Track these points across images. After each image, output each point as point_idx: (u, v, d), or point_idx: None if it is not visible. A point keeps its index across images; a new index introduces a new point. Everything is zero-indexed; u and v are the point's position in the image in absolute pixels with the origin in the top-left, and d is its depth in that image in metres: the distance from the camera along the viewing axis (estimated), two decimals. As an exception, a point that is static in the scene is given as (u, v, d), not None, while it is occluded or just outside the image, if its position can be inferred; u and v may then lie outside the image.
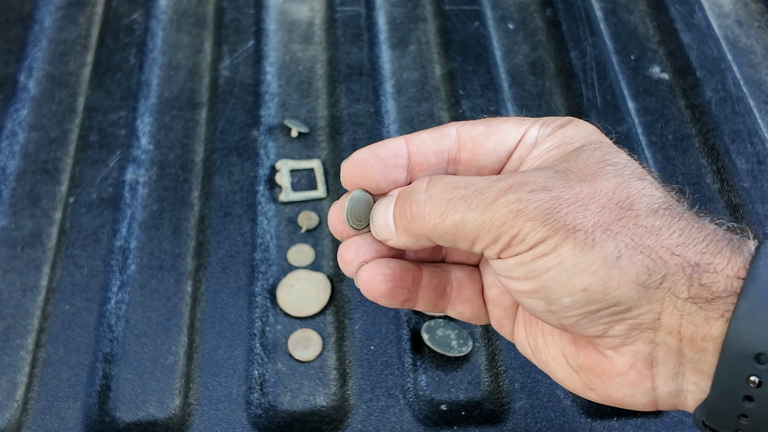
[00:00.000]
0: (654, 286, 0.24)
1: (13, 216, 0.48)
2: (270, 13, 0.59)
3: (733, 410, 0.23)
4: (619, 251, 0.24)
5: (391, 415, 0.40)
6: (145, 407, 0.41)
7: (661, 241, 0.24)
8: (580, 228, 0.24)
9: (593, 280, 0.24)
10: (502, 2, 0.61)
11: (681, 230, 0.24)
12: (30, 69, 0.55)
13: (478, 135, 0.29)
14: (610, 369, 0.26)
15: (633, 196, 0.25)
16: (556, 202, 0.25)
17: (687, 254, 0.24)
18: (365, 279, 0.29)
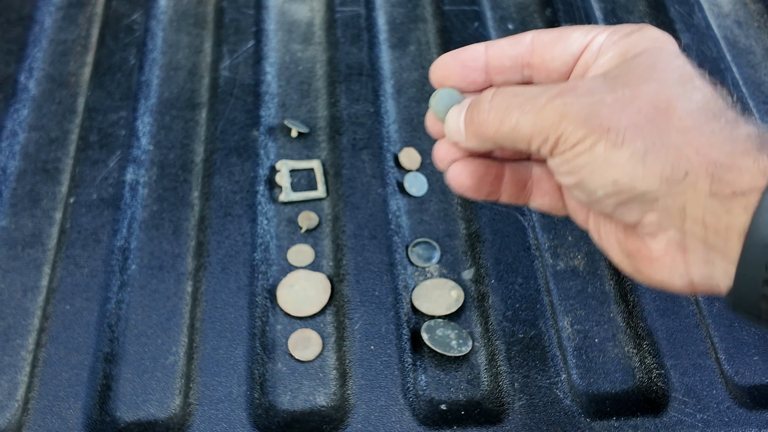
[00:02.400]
0: (677, 181, 0.26)
1: (13, 216, 0.48)
2: (270, 14, 0.59)
3: (755, 294, 0.25)
4: (646, 148, 0.27)
5: (390, 415, 0.40)
6: (145, 407, 0.41)
7: (689, 140, 0.26)
8: (614, 128, 0.27)
9: (621, 175, 0.27)
10: (502, 2, 0.61)
11: (713, 131, 0.27)
12: (30, 69, 0.55)
13: (549, 41, 0.32)
14: (648, 254, 0.29)
15: (671, 99, 0.28)
16: (597, 105, 0.28)
17: (712, 153, 0.26)
18: (454, 175, 0.33)
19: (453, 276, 0.46)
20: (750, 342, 0.43)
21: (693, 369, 0.42)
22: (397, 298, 0.44)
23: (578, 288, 0.45)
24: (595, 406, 0.41)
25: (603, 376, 0.42)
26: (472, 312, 0.44)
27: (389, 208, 0.48)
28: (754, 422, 0.40)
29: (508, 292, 0.44)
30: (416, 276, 0.46)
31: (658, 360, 0.42)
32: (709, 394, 0.41)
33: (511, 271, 0.45)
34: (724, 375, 0.42)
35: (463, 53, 0.33)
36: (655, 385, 0.42)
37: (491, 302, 0.44)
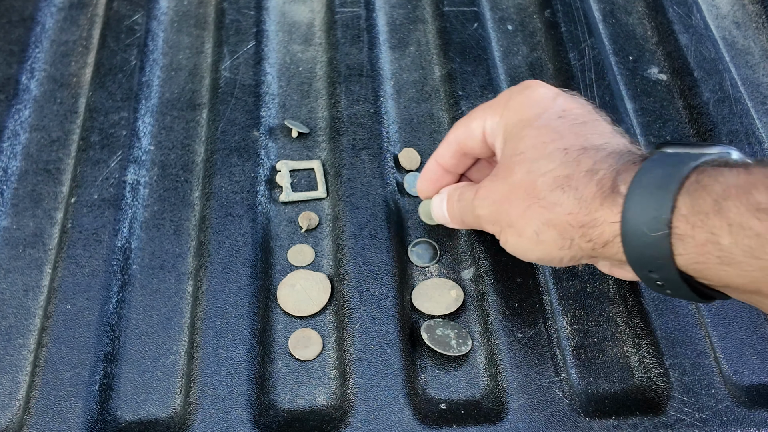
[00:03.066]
0: (568, 247, 0.34)
1: (15, 216, 0.48)
2: (270, 15, 0.59)
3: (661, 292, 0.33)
4: (538, 232, 0.35)
5: (390, 414, 0.40)
6: (146, 406, 0.41)
7: (560, 215, 0.34)
8: (512, 223, 0.36)
9: (537, 254, 0.36)
10: (501, 3, 0.61)
11: (574, 198, 0.33)
12: (31, 70, 0.55)
13: (463, 137, 0.41)
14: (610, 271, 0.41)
15: (535, 180, 0.35)
16: (495, 206, 0.37)
17: (579, 218, 0.33)
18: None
19: (453, 276, 0.46)
20: (749, 341, 0.43)
21: (692, 368, 0.42)
22: (397, 298, 0.44)
23: (577, 288, 0.45)
24: (594, 406, 0.41)
25: (602, 375, 0.42)
26: (472, 311, 0.45)
27: (389, 208, 0.48)
28: (752, 421, 0.40)
29: (508, 292, 0.44)
30: (416, 276, 0.46)
31: (657, 359, 0.42)
32: (708, 393, 0.41)
33: (510, 270, 0.45)
34: (723, 374, 0.42)
35: (426, 175, 0.44)
36: (654, 385, 0.42)
37: (491, 302, 0.44)
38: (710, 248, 0.28)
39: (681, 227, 0.29)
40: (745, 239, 0.27)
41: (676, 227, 0.29)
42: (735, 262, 0.28)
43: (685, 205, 0.29)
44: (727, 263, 0.28)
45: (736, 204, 0.27)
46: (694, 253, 0.29)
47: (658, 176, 0.30)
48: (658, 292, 0.33)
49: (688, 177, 0.29)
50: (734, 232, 0.27)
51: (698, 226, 0.28)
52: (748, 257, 0.27)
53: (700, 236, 0.28)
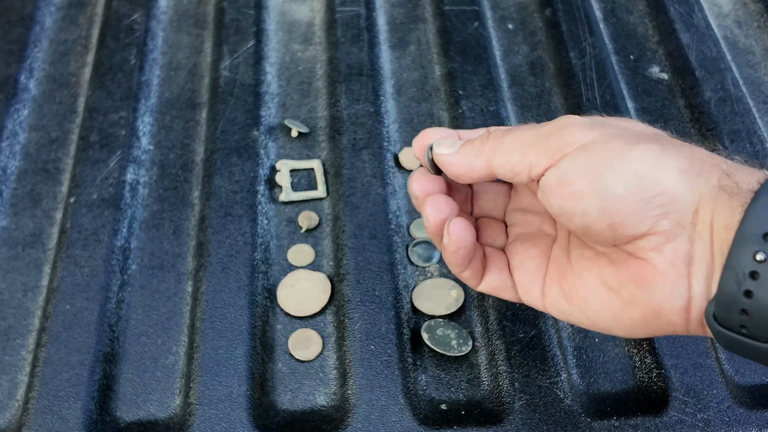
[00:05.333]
0: (693, 175, 0.27)
1: (14, 216, 0.48)
2: (270, 14, 0.59)
3: (737, 298, 0.25)
4: (661, 147, 0.27)
5: (391, 415, 0.40)
6: (145, 407, 0.41)
7: (694, 149, 0.28)
8: (625, 133, 0.28)
9: (643, 166, 0.27)
10: (502, 2, 0.61)
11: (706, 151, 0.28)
12: (31, 69, 0.55)
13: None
14: (651, 270, 0.28)
15: (656, 130, 0.30)
16: (599, 121, 0.29)
17: (716, 158, 0.27)
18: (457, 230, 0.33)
19: (453, 276, 0.46)
20: (750, 341, 0.43)
21: (693, 368, 0.42)
22: (397, 298, 0.44)
23: (578, 287, 0.45)
24: (596, 406, 0.41)
25: (603, 375, 0.42)
26: (472, 312, 0.44)
27: (389, 208, 0.48)
28: (754, 421, 0.40)
29: (509, 292, 0.44)
30: (416, 276, 0.46)
31: (658, 359, 0.42)
32: (710, 393, 0.41)
33: (511, 270, 0.45)
34: (725, 374, 0.42)
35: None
36: (656, 385, 0.42)
37: (491, 302, 0.44)
38: None
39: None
40: None
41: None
42: None
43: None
44: None
45: None
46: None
47: None
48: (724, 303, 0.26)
49: None
50: None
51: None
52: None
53: None
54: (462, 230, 0.33)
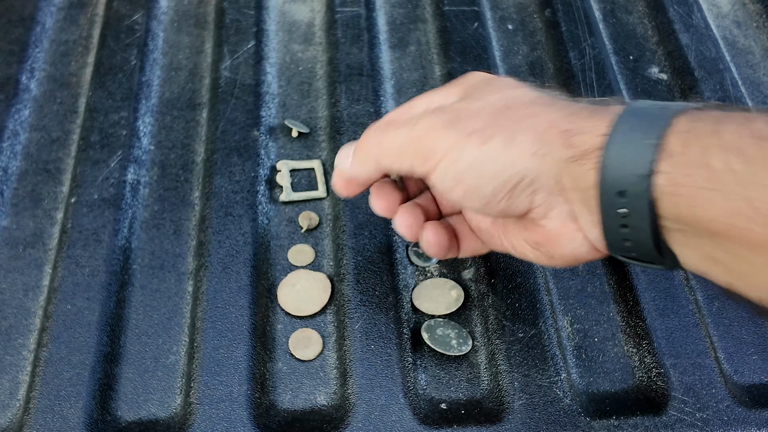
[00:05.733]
0: (543, 153, 0.30)
1: (14, 216, 0.48)
2: (270, 14, 0.59)
3: (618, 237, 0.29)
4: (509, 136, 0.31)
5: (391, 414, 0.40)
6: (146, 406, 0.41)
7: (539, 121, 0.31)
8: (476, 131, 0.31)
9: (499, 164, 0.31)
10: (502, 3, 0.61)
11: (555, 110, 0.31)
12: (31, 70, 0.55)
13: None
14: (549, 234, 0.33)
15: (513, 99, 0.32)
16: (456, 118, 0.32)
17: (560, 124, 0.30)
18: (429, 236, 0.39)
19: (453, 275, 0.46)
20: (749, 341, 0.43)
21: (692, 368, 0.42)
22: (397, 298, 0.44)
23: (578, 287, 0.45)
24: (595, 405, 0.41)
25: (602, 375, 0.42)
26: (472, 311, 0.44)
27: (389, 207, 0.48)
28: (753, 421, 0.40)
29: (508, 292, 0.44)
30: (416, 275, 0.46)
31: (658, 359, 0.42)
32: (709, 393, 0.41)
33: (510, 270, 0.45)
34: (724, 374, 0.42)
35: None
36: (655, 384, 0.42)
37: (491, 301, 0.44)
38: (697, 170, 0.26)
39: (673, 142, 0.27)
40: (739, 164, 0.25)
41: (668, 141, 0.27)
42: (718, 188, 0.26)
43: (681, 123, 0.27)
44: (710, 188, 0.26)
45: (735, 128, 0.26)
46: (679, 173, 0.27)
47: (650, 104, 0.29)
48: (610, 242, 0.30)
49: (679, 107, 0.28)
50: (728, 156, 0.25)
51: (691, 144, 0.27)
52: (736, 184, 0.25)
53: (691, 154, 0.26)
54: (436, 236, 0.38)
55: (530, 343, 0.43)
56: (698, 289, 0.45)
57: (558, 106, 0.31)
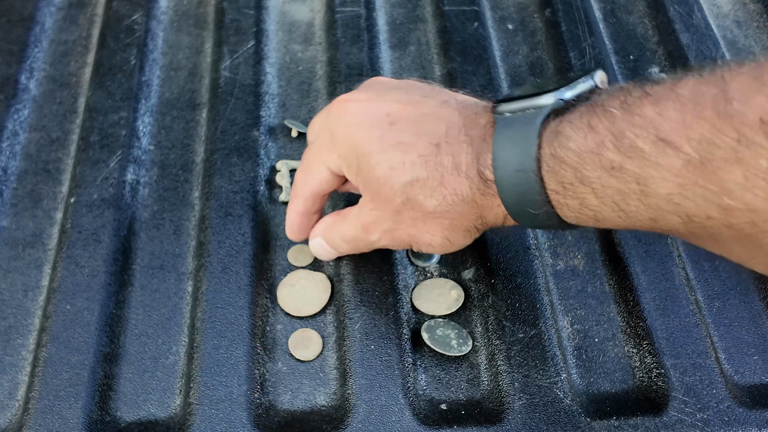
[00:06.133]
0: (475, 233, 0.38)
1: (14, 216, 0.48)
2: (270, 14, 0.59)
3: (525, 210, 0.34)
4: (446, 237, 0.38)
5: (391, 415, 0.40)
6: (146, 406, 0.41)
7: (456, 218, 0.36)
8: (418, 240, 0.38)
9: (453, 249, 0.39)
10: (502, 3, 0.61)
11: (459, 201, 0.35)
12: (31, 70, 0.55)
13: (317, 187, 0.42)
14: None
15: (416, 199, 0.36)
16: (391, 233, 0.39)
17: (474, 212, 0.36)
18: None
19: (453, 275, 0.46)
20: (750, 341, 0.43)
21: (693, 368, 0.42)
22: (397, 298, 0.44)
23: (578, 287, 0.45)
24: (595, 406, 0.41)
25: (603, 375, 0.42)
26: (472, 311, 0.44)
27: (389, 208, 0.48)
28: (754, 421, 0.40)
29: (508, 292, 0.44)
30: (416, 275, 0.46)
31: (658, 359, 0.42)
32: (709, 393, 0.41)
33: (510, 270, 0.45)
34: (724, 374, 0.42)
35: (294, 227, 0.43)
36: (655, 385, 0.42)
37: (491, 302, 0.44)
38: (585, 210, 0.31)
39: (555, 199, 0.32)
40: (610, 199, 0.30)
41: (553, 200, 0.32)
42: (606, 218, 0.31)
43: (552, 181, 0.31)
44: (601, 219, 0.31)
45: (593, 168, 0.29)
46: (573, 216, 0.32)
47: (514, 156, 0.32)
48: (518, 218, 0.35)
49: (541, 150, 0.31)
50: (599, 194, 0.30)
51: (569, 196, 0.31)
52: (617, 211, 0.30)
53: (573, 203, 0.31)
54: None
55: (530, 344, 0.43)
56: (699, 289, 0.45)
57: (454, 194, 0.35)
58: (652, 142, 0.27)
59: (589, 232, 0.48)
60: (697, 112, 0.26)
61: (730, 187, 0.25)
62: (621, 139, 0.28)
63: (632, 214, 0.30)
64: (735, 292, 0.45)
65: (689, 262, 0.46)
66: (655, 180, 0.27)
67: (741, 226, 0.26)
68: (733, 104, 0.25)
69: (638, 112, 0.28)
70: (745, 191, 0.25)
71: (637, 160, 0.28)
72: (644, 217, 0.30)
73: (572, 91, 0.32)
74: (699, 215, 0.27)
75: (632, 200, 0.29)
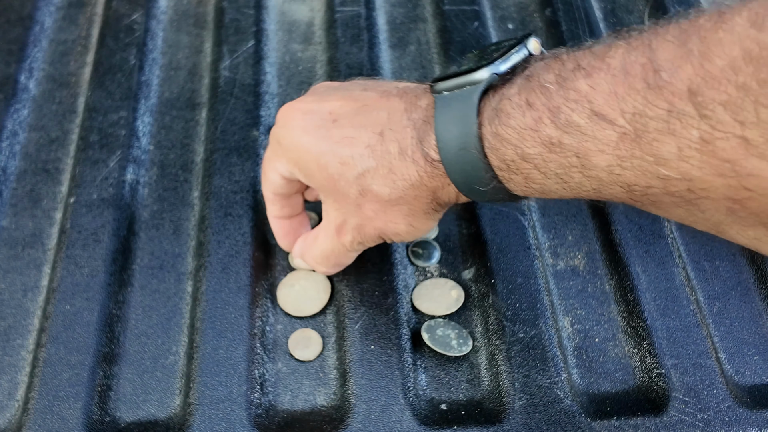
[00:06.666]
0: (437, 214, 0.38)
1: (13, 216, 0.48)
2: (270, 14, 0.59)
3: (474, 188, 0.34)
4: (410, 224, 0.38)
5: (391, 415, 0.40)
6: (145, 407, 0.41)
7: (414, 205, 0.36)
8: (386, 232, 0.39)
9: (420, 234, 0.39)
10: (502, 2, 0.61)
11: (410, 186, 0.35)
12: (30, 69, 0.55)
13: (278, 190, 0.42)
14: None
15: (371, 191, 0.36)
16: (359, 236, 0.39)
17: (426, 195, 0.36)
18: None
19: (453, 276, 0.46)
20: (750, 341, 0.43)
21: (693, 368, 0.42)
22: (397, 298, 0.44)
23: (578, 287, 0.45)
24: (596, 406, 0.41)
25: (603, 375, 0.42)
26: (473, 312, 0.44)
27: (389, 207, 0.48)
28: (754, 422, 0.40)
29: (508, 292, 0.44)
30: (416, 275, 0.46)
31: (659, 359, 0.42)
32: (710, 393, 0.41)
33: (511, 270, 0.45)
34: (725, 374, 0.42)
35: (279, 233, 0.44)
36: (656, 385, 0.42)
37: (491, 302, 0.44)
38: (531, 184, 0.31)
39: (501, 175, 0.32)
40: (552, 173, 0.30)
41: (499, 176, 0.32)
42: (552, 190, 0.31)
43: (496, 158, 0.31)
44: (546, 191, 0.32)
45: (533, 145, 0.30)
46: (520, 189, 0.32)
47: (455, 136, 0.32)
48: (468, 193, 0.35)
49: (482, 129, 0.31)
50: (542, 169, 0.30)
51: (513, 172, 0.31)
52: (560, 183, 0.30)
53: (518, 178, 0.32)
54: None
55: (531, 344, 0.42)
56: (699, 289, 0.45)
57: (404, 180, 0.35)
58: (588, 117, 0.27)
59: (589, 232, 0.48)
60: (628, 83, 0.26)
61: (666, 157, 0.25)
62: (557, 114, 0.28)
63: (575, 186, 0.30)
64: (735, 292, 0.45)
65: (690, 262, 0.46)
66: (594, 153, 0.28)
67: (681, 193, 0.26)
68: (661, 75, 0.25)
69: (572, 86, 0.28)
70: (680, 161, 0.25)
71: (575, 135, 0.28)
72: (587, 188, 0.30)
73: (507, 63, 0.32)
74: (639, 184, 0.27)
75: (574, 173, 0.29)
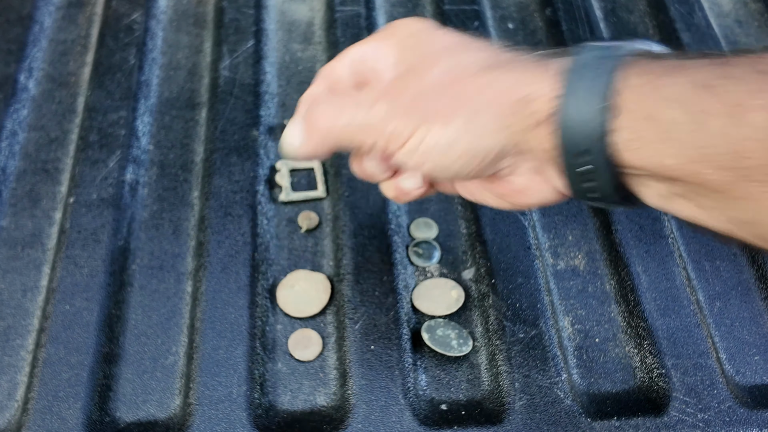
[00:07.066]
0: (505, 127, 0.31)
1: (13, 216, 0.48)
2: (270, 13, 0.59)
3: (583, 188, 0.31)
4: (471, 116, 0.31)
5: (391, 415, 0.40)
6: (145, 407, 0.41)
7: (494, 92, 0.31)
8: (433, 117, 0.32)
9: (465, 143, 0.32)
10: (502, 2, 0.61)
11: (505, 74, 0.31)
12: (30, 69, 0.55)
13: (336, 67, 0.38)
14: (519, 188, 0.34)
15: (459, 69, 0.32)
16: (410, 98, 0.32)
17: (514, 91, 0.31)
18: None
19: (453, 276, 0.46)
20: (751, 341, 0.43)
21: (694, 369, 0.42)
22: (397, 298, 0.44)
23: (578, 287, 0.45)
24: (596, 406, 0.41)
25: (604, 375, 0.42)
26: (473, 312, 0.44)
27: (389, 208, 0.48)
28: (755, 422, 0.40)
29: (509, 292, 0.44)
30: (416, 275, 0.46)
31: (659, 360, 0.42)
32: (710, 393, 0.41)
33: (511, 270, 0.45)
34: (725, 374, 0.42)
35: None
36: (656, 385, 0.42)
37: (491, 302, 0.44)
38: (650, 124, 0.28)
39: (622, 100, 0.28)
40: (687, 114, 0.27)
41: (618, 100, 0.28)
42: (673, 138, 0.27)
43: (626, 80, 0.28)
44: (664, 140, 0.27)
45: (679, 80, 0.27)
46: (632, 129, 0.28)
47: (596, 56, 0.30)
48: (576, 192, 0.32)
49: (625, 58, 0.29)
50: (676, 107, 0.27)
51: (640, 100, 0.28)
52: (688, 133, 0.27)
53: (641, 110, 0.28)
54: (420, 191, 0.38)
55: (531, 344, 0.42)
56: (700, 289, 0.45)
57: (507, 69, 0.32)
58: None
59: (589, 232, 0.47)
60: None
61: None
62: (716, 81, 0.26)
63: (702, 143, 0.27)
64: (736, 293, 0.45)
65: (690, 262, 0.46)
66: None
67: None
68: None
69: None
70: None
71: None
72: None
73: (645, 46, 0.31)
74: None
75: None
